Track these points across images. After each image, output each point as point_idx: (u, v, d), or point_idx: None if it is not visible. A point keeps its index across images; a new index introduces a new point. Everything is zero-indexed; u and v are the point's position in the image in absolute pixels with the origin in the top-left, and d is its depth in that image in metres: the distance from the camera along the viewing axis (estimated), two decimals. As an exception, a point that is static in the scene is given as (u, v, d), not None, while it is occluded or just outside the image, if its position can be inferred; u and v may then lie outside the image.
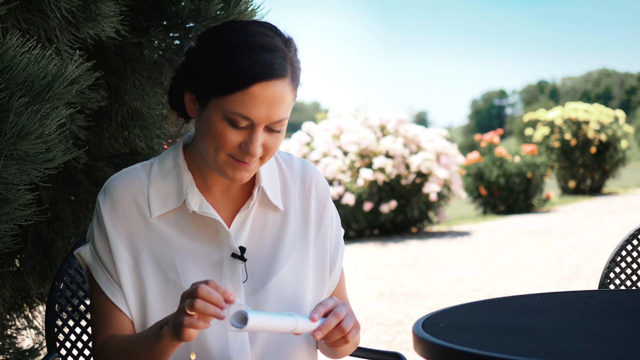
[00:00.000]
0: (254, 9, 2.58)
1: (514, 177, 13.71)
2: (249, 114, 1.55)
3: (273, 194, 1.72)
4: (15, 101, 1.73)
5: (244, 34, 1.58)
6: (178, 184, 1.68)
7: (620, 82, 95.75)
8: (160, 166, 1.70)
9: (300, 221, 1.75)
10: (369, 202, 10.70)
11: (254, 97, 1.54)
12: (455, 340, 1.45)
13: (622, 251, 2.40)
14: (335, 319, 1.56)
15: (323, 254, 1.77)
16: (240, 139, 1.58)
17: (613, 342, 1.47)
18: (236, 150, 1.58)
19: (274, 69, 1.55)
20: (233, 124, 1.56)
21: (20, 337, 2.98)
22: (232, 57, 1.55)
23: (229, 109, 1.55)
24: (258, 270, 1.69)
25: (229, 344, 1.65)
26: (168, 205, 1.67)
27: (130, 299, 1.65)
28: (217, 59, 1.57)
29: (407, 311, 6.14)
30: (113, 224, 1.66)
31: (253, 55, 1.55)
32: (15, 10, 2.09)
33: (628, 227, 10.50)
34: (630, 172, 23.92)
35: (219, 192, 1.70)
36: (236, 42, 1.57)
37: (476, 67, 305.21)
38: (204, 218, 1.67)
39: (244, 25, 1.61)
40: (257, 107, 1.55)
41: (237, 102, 1.54)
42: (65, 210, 2.74)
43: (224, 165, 1.60)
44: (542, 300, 1.80)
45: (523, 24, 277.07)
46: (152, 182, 1.68)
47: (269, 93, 1.55)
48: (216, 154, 1.59)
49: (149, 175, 1.69)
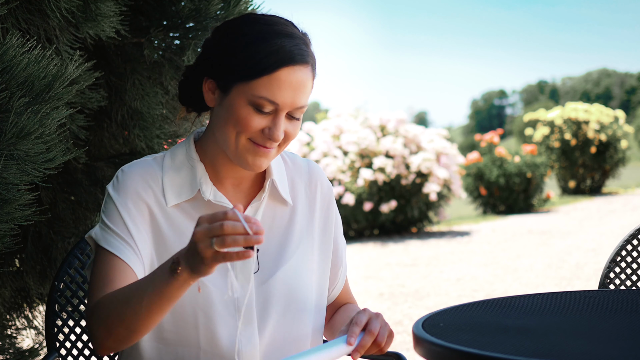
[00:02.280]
0: (254, 8, 2.58)
1: (514, 177, 13.71)
2: (274, 98, 1.58)
3: (282, 188, 1.75)
4: (15, 101, 1.73)
5: (268, 23, 1.63)
6: (191, 175, 1.69)
7: (620, 82, 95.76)
8: (172, 159, 1.71)
9: (306, 217, 1.78)
10: (369, 202, 10.70)
11: (280, 82, 1.58)
12: (455, 340, 1.45)
13: (622, 251, 2.40)
14: (370, 336, 1.58)
15: (327, 250, 1.81)
16: (263, 124, 1.61)
17: (613, 342, 1.47)
18: (258, 134, 1.61)
19: (300, 54, 1.60)
20: (258, 109, 1.60)
21: (20, 337, 2.98)
22: (259, 43, 1.59)
23: (255, 94, 1.58)
24: (267, 262, 1.71)
25: (238, 333, 1.66)
26: (182, 195, 1.68)
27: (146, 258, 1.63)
28: (243, 45, 1.60)
29: (407, 311, 6.14)
30: (130, 210, 1.64)
31: (279, 41, 1.60)
32: (15, 10, 2.09)
33: (628, 227, 10.50)
34: (630, 172, 23.92)
35: (230, 185, 1.72)
36: (261, 30, 1.61)
37: (476, 67, 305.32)
38: (217, 207, 1.68)
39: (265, 16, 1.66)
40: (283, 91, 1.59)
41: (263, 86, 1.58)
42: (65, 210, 2.74)
43: (244, 151, 1.63)
44: (542, 300, 1.80)
45: (523, 24, 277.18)
46: (166, 174, 1.69)
47: (294, 78, 1.59)
48: (237, 139, 1.62)
49: (162, 167, 1.70)
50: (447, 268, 8.13)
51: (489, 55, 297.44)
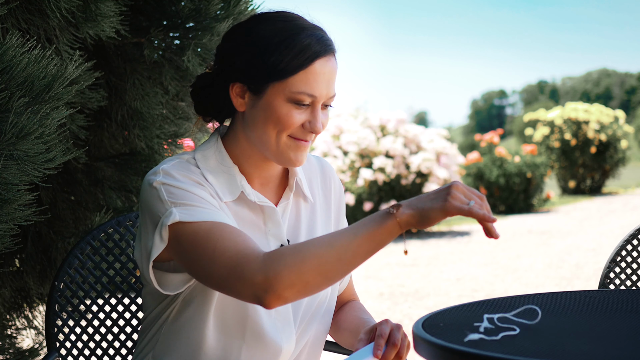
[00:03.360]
0: (254, 8, 2.58)
1: (514, 177, 13.71)
2: (312, 91, 1.60)
3: (305, 185, 1.77)
4: (15, 101, 1.73)
5: (287, 19, 1.64)
6: (229, 178, 1.67)
7: (620, 82, 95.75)
8: (204, 163, 1.67)
9: (325, 212, 1.81)
10: (369, 202, 10.70)
11: (316, 74, 1.60)
12: (455, 340, 1.45)
13: (622, 251, 2.40)
14: (394, 349, 1.62)
15: None
16: (303, 119, 1.62)
17: (613, 342, 1.47)
18: (299, 130, 1.63)
19: (329, 44, 1.63)
20: (298, 104, 1.61)
21: (20, 337, 2.98)
22: (288, 40, 1.60)
23: (293, 90, 1.59)
24: None
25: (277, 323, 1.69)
26: (225, 197, 1.66)
27: None
28: (272, 44, 1.60)
29: (407, 311, 6.14)
30: (194, 186, 1.59)
31: (307, 34, 1.61)
32: (15, 10, 2.09)
33: (628, 227, 10.50)
34: (630, 172, 23.91)
35: (259, 185, 1.73)
36: (284, 27, 1.62)
37: (476, 67, 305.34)
38: (255, 209, 1.68)
39: (279, 13, 1.66)
40: (319, 83, 1.61)
41: (301, 81, 1.59)
42: (65, 210, 2.74)
43: (285, 149, 1.64)
44: (542, 300, 1.80)
45: (523, 24, 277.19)
46: (207, 175, 1.66)
47: (327, 68, 1.62)
48: (278, 138, 1.62)
49: (199, 168, 1.66)
50: (447, 268, 8.13)
51: (489, 55, 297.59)
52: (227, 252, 1.50)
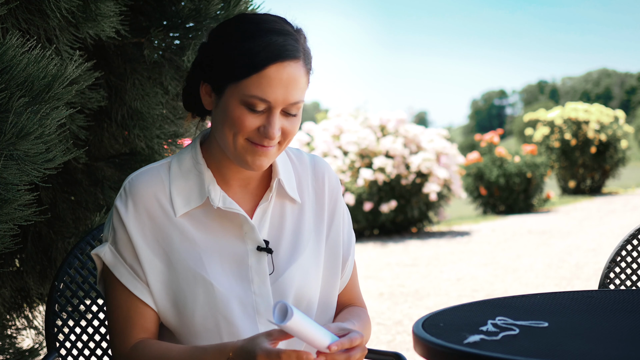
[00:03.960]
0: (254, 8, 2.58)
1: (514, 177, 13.71)
2: (265, 96, 1.58)
3: (289, 186, 1.75)
4: (15, 101, 1.73)
5: (256, 22, 1.63)
6: (199, 181, 1.69)
7: (620, 82, 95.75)
8: (179, 165, 1.71)
9: (314, 213, 1.79)
10: (369, 202, 10.70)
11: (269, 79, 1.58)
12: (455, 340, 1.45)
13: (622, 251, 2.40)
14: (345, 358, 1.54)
15: (336, 244, 1.80)
16: (258, 123, 1.61)
17: (613, 342, 1.47)
18: (255, 133, 1.61)
19: (287, 50, 1.60)
20: (251, 108, 1.60)
21: (20, 337, 2.98)
22: (246, 42, 1.60)
23: (246, 93, 1.59)
24: (280, 261, 1.72)
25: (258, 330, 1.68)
26: (191, 203, 1.68)
27: (157, 295, 1.66)
28: (231, 46, 1.61)
29: (407, 311, 6.14)
30: (138, 228, 1.67)
31: (266, 38, 1.59)
32: (15, 10, 2.09)
33: (628, 227, 10.50)
34: (630, 172, 23.91)
35: (238, 187, 1.73)
36: (249, 29, 1.62)
37: (476, 67, 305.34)
38: (227, 213, 1.69)
39: (255, 15, 1.66)
40: (274, 88, 1.58)
41: (253, 85, 1.58)
42: (65, 210, 2.74)
43: (243, 152, 1.63)
44: (542, 300, 1.80)
45: (523, 25, 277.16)
46: (174, 182, 1.70)
47: (284, 74, 1.59)
48: (235, 140, 1.62)
49: (169, 174, 1.70)
50: (447, 268, 8.13)
51: (489, 55, 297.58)
52: (114, 319, 1.68)
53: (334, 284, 1.80)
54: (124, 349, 1.66)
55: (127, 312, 1.67)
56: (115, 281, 1.68)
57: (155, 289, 1.66)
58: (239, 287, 1.67)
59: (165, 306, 1.67)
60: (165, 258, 1.67)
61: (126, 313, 1.67)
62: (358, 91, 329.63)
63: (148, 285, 1.66)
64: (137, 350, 1.64)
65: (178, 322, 1.67)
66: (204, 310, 1.65)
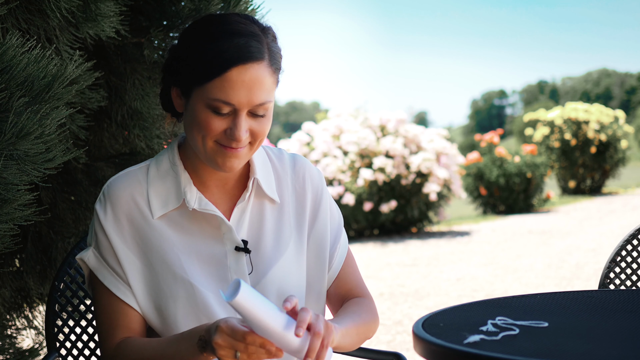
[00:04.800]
0: (254, 8, 2.58)
1: (514, 177, 13.71)
2: (229, 99, 1.58)
3: (268, 186, 1.75)
4: (15, 101, 1.73)
5: (219, 23, 1.63)
6: (176, 183, 1.70)
7: (620, 82, 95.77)
8: (157, 167, 1.72)
9: (295, 212, 1.78)
10: (369, 202, 10.70)
11: (232, 82, 1.58)
12: (455, 340, 1.45)
13: (622, 251, 2.40)
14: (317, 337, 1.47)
15: (322, 243, 1.79)
16: (224, 125, 1.61)
17: (613, 342, 1.47)
18: (222, 136, 1.61)
19: (249, 52, 1.59)
20: (216, 111, 1.60)
21: (20, 337, 2.98)
22: (208, 45, 1.59)
23: (209, 96, 1.58)
24: (259, 261, 1.72)
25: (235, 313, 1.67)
26: (169, 205, 1.69)
27: (140, 297, 1.68)
28: (195, 49, 1.61)
29: (407, 311, 6.14)
30: (117, 231, 1.68)
31: (227, 41, 1.59)
32: (15, 10, 2.09)
33: (628, 227, 10.50)
34: (630, 172, 23.92)
35: (215, 187, 1.73)
36: (211, 31, 1.61)
37: (476, 67, 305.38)
38: (205, 215, 1.69)
39: (220, 17, 1.65)
40: (237, 91, 1.58)
41: (216, 88, 1.58)
42: (65, 210, 2.74)
43: (213, 154, 1.63)
44: (542, 300, 1.80)
45: (523, 24, 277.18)
46: (151, 184, 1.71)
47: (246, 76, 1.58)
48: (204, 143, 1.62)
49: (147, 177, 1.72)
50: (447, 268, 8.13)
51: (489, 55, 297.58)
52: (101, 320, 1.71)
53: (322, 276, 1.78)
54: (110, 349, 1.69)
55: (111, 314, 1.69)
56: (99, 284, 1.70)
57: (138, 290, 1.68)
58: (218, 288, 1.68)
59: (148, 307, 1.68)
60: (145, 260, 1.68)
61: (111, 314, 1.69)
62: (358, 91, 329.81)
63: (130, 287, 1.68)
64: (120, 348, 1.67)
65: (161, 323, 1.68)
66: (185, 310, 1.66)
